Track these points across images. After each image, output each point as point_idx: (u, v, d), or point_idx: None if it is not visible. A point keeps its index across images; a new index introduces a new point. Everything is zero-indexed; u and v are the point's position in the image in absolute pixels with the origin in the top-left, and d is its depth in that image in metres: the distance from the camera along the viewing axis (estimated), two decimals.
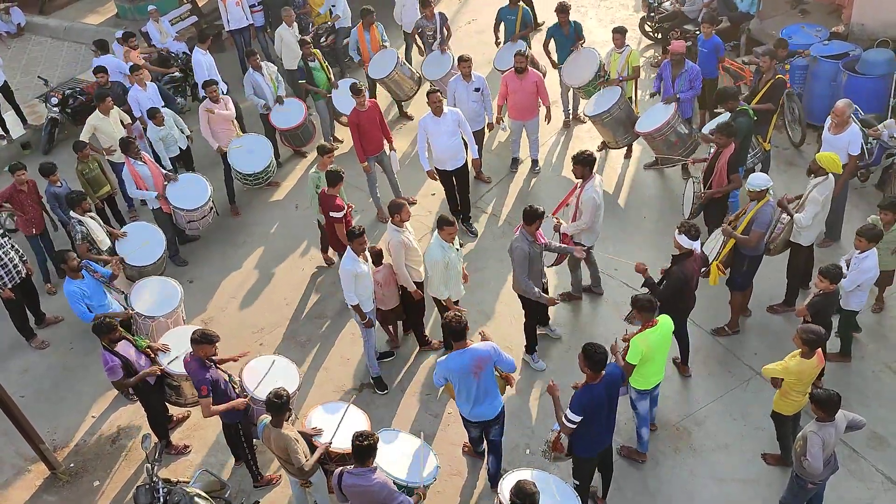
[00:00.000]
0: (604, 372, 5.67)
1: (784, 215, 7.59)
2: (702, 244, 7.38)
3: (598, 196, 7.66)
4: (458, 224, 8.99)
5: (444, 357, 6.17)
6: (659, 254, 8.51)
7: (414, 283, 7.70)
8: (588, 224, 7.74)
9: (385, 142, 9.70)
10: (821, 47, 10.19)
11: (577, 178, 7.83)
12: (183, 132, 10.37)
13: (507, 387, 6.55)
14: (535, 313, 7.77)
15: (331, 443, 6.10)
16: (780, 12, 11.88)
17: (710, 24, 9.98)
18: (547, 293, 7.78)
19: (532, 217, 7.04)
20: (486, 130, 10.06)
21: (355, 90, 9.27)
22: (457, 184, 9.53)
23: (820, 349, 6.03)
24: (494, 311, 8.66)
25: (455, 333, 6.02)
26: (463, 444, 7.18)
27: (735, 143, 8.19)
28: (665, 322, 6.35)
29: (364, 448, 5.31)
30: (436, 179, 9.44)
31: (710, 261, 7.53)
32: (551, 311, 8.26)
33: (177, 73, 12.57)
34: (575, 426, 5.71)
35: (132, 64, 11.04)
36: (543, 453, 6.19)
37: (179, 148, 10.31)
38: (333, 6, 12.59)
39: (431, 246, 7.36)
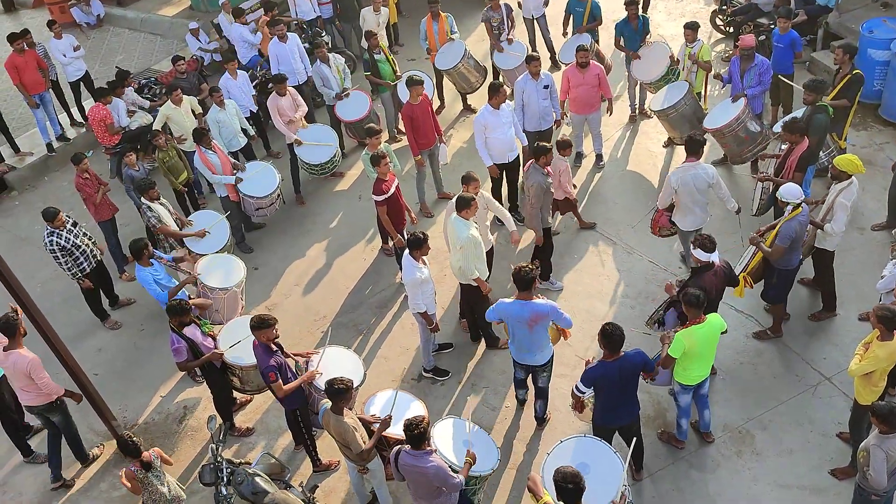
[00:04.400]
0: (622, 353, 5.91)
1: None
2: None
3: (677, 181, 7.72)
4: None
5: (507, 300, 6.54)
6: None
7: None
8: (662, 203, 7.99)
9: (436, 134, 9.77)
10: None
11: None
12: (247, 132, 10.58)
13: (562, 338, 6.89)
14: (549, 246, 8.53)
15: (391, 416, 6.12)
16: (861, 5, 11.43)
17: (786, 19, 9.67)
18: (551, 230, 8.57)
19: (542, 151, 8.02)
20: (554, 127, 9.98)
21: (412, 82, 9.32)
22: (508, 175, 9.52)
23: None
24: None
25: (521, 282, 6.41)
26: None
27: (809, 139, 7.98)
28: (714, 321, 6.24)
29: (416, 436, 5.45)
30: (496, 175, 9.39)
31: (739, 272, 7.38)
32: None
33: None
34: (583, 395, 6.19)
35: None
36: (571, 407, 6.57)
37: (239, 143, 10.48)
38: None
39: (458, 226, 7.39)
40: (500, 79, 11.57)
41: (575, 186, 9.29)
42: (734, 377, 7.50)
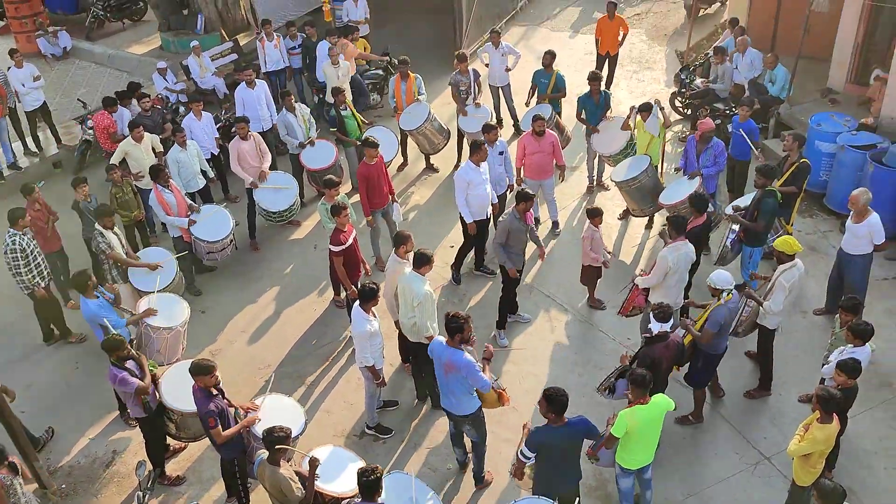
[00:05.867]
0: (566, 419, 5.83)
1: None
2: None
3: (673, 260, 7.67)
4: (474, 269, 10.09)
5: (441, 338, 6.69)
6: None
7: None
8: (654, 282, 7.83)
9: (389, 194, 9.83)
10: (849, 137, 10.24)
11: (669, 236, 7.94)
12: (206, 174, 10.57)
13: (502, 404, 6.86)
14: (510, 292, 8.79)
15: (318, 459, 5.97)
16: (810, 99, 12.00)
17: (748, 108, 10.05)
18: (521, 271, 8.78)
19: (524, 197, 8.32)
20: (508, 192, 10.14)
21: (367, 144, 9.40)
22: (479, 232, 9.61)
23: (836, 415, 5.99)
24: (500, 370, 8.56)
25: (448, 330, 6.51)
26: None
27: (758, 221, 8.38)
28: (659, 402, 6.19)
29: (371, 483, 5.36)
30: (474, 232, 9.46)
31: None
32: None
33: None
34: (529, 461, 6.02)
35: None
36: (510, 473, 6.49)
37: (198, 184, 10.46)
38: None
39: (414, 282, 7.38)
40: (465, 141, 11.77)
41: (610, 253, 9.29)
42: (676, 451, 7.50)
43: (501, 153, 9.75)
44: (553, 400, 5.80)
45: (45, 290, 8.82)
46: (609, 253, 9.07)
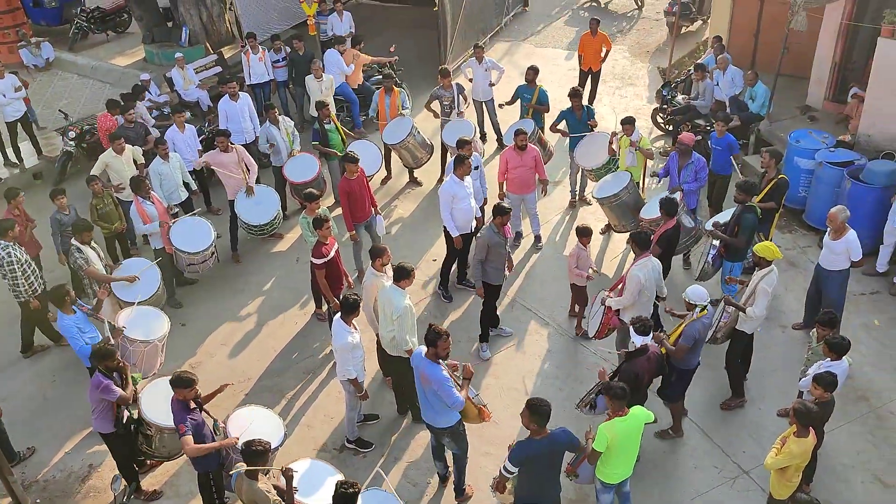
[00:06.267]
0: (548, 431, 5.82)
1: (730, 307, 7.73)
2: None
3: (644, 276, 7.64)
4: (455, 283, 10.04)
5: (423, 348, 6.60)
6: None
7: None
8: (629, 302, 7.74)
9: (372, 207, 9.84)
10: (827, 153, 10.38)
11: (633, 253, 7.92)
12: (189, 186, 10.54)
13: (483, 420, 6.80)
14: (490, 306, 8.78)
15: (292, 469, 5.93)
16: (789, 117, 12.15)
17: (723, 123, 10.18)
18: (500, 286, 8.82)
19: (500, 212, 8.31)
20: (483, 206, 10.17)
21: (348, 159, 9.41)
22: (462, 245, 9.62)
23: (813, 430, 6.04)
24: (481, 384, 8.56)
25: (426, 341, 6.49)
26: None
27: (738, 237, 8.49)
28: (637, 414, 6.21)
29: (348, 496, 5.33)
30: (460, 246, 9.46)
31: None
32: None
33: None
34: (511, 476, 5.99)
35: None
36: (491, 488, 6.36)
37: (180, 196, 10.42)
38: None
39: (394, 295, 7.37)
40: (448, 155, 11.81)
41: (596, 272, 9.08)
42: (656, 465, 7.52)
43: (476, 168, 9.79)
44: (536, 410, 5.79)
45: (38, 298, 8.72)
46: (595, 271, 9.04)
